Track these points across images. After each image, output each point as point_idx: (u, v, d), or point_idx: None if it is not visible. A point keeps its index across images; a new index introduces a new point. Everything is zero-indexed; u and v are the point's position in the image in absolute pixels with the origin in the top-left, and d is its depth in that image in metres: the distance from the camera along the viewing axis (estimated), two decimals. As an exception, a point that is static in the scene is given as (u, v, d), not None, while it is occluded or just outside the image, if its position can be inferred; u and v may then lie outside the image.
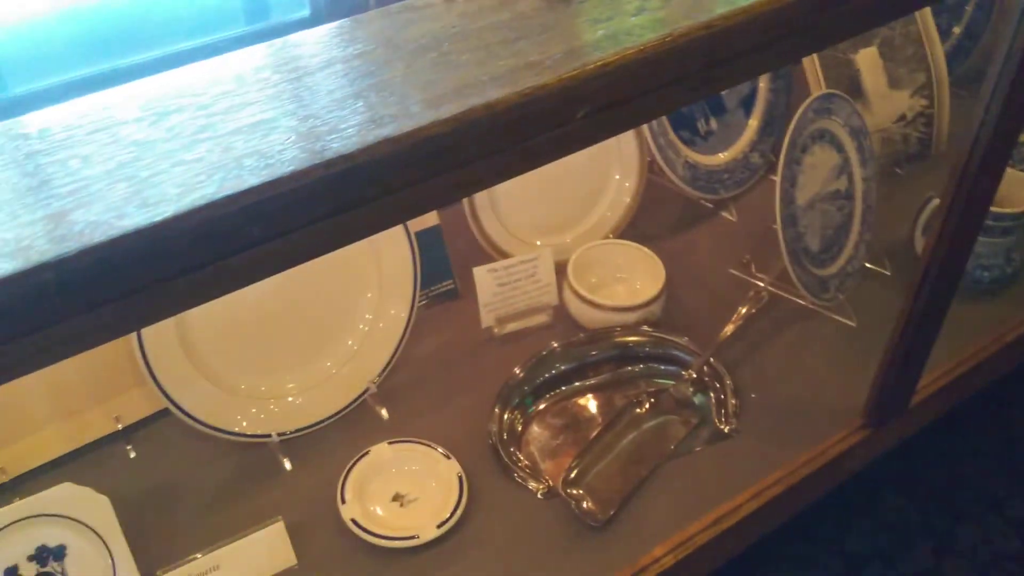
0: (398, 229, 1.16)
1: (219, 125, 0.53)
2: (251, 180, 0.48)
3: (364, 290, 1.18)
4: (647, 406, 1.18)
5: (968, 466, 1.42)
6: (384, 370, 1.20)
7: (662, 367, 1.23)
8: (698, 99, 0.69)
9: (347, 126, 0.51)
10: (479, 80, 0.52)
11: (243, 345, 1.12)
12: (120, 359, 1.13)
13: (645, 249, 1.33)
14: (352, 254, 1.14)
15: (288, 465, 1.13)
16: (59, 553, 0.95)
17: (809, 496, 1.14)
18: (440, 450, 1.11)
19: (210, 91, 0.56)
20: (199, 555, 0.98)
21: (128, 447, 1.15)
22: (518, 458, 1.12)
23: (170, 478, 1.13)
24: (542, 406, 1.19)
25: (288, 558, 1.02)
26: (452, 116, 0.49)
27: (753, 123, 1.50)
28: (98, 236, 0.46)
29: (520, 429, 1.16)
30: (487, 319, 1.27)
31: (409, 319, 1.20)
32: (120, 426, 1.15)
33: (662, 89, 0.57)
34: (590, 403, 1.20)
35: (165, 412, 1.17)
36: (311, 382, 1.16)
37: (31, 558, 0.94)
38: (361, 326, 1.19)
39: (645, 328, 1.25)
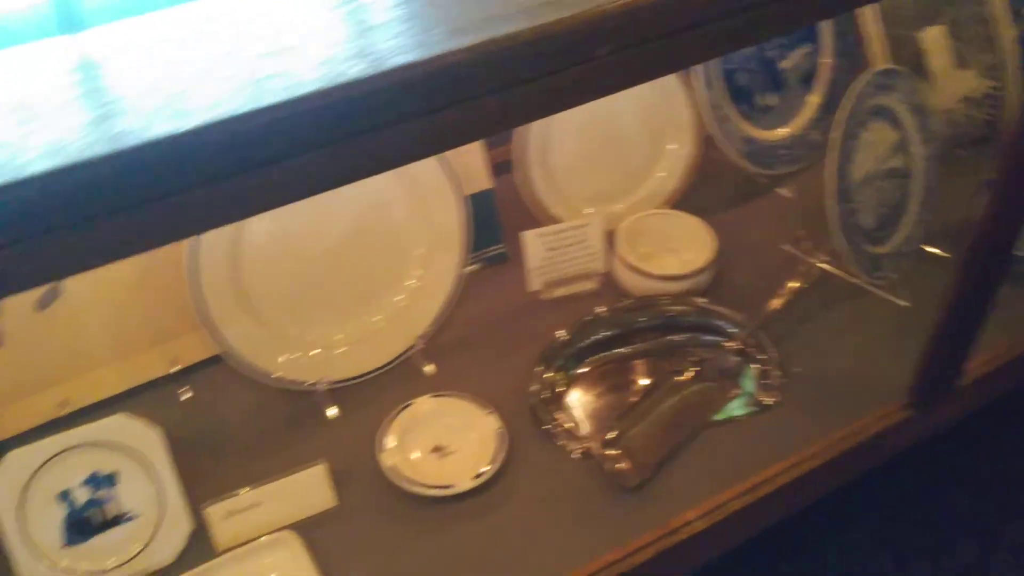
0: (449, 188, 1.18)
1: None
2: (274, 98, 0.50)
3: (414, 246, 1.20)
4: (690, 374, 1.18)
5: (1019, 459, 1.39)
6: (432, 327, 1.22)
7: (707, 337, 1.23)
8: (732, 48, 0.69)
9: (370, 53, 0.53)
10: (504, 13, 0.54)
11: (296, 294, 1.15)
12: (178, 304, 1.17)
13: (697, 220, 1.33)
14: (403, 212, 1.17)
15: (333, 413, 1.16)
16: (111, 480, 1.00)
17: (849, 472, 1.13)
18: (481, 405, 1.13)
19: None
20: (243, 491, 1.02)
21: (181, 389, 1.20)
22: (557, 419, 1.13)
23: (219, 421, 1.17)
24: (584, 369, 1.20)
25: (328, 500, 1.05)
26: (472, 45, 0.51)
27: (813, 100, 1.48)
28: (131, 140, 0.49)
29: (561, 391, 1.17)
30: (534, 283, 1.28)
31: (459, 278, 1.22)
32: (175, 368, 1.20)
33: (689, 31, 0.58)
34: (632, 369, 1.20)
35: (218, 358, 1.21)
36: (359, 334, 1.19)
37: (84, 483, 0.99)
38: (410, 282, 1.21)
39: (692, 298, 1.25)
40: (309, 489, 1.04)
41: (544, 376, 1.18)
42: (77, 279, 1.12)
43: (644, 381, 1.18)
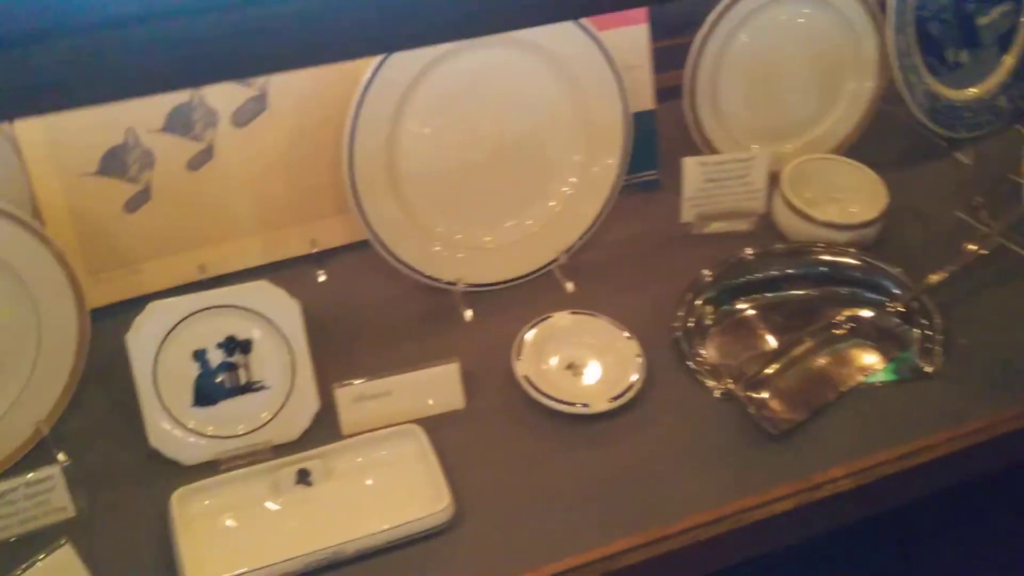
0: (615, 95, 1.12)
1: None
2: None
3: (572, 152, 1.15)
4: (846, 329, 1.10)
5: None
6: (578, 241, 1.17)
7: (867, 294, 1.15)
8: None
9: None
10: None
11: (447, 190, 1.11)
12: (324, 185, 1.15)
13: (868, 170, 1.25)
14: (565, 115, 1.11)
15: (469, 315, 1.12)
16: (246, 346, 0.98)
17: (1011, 455, 1.05)
18: (621, 328, 1.08)
19: None
20: (373, 378, 0.99)
21: (319, 271, 1.18)
22: (700, 354, 1.08)
23: (354, 307, 1.14)
24: (733, 309, 1.14)
25: (457, 400, 1.02)
26: None
27: (1008, 61, 1.37)
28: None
29: (706, 327, 1.11)
30: (688, 213, 1.22)
31: (613, 191, 1.16)
32: (315, 250, 1.18)
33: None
34: (784, 315, 1.13)
35: (357, 245, 1.19)
36: (506, 238, 1.15)
37: (219, 345, 0.97)
38: (564, 188, 1.16)
39: (855, 251, 1.17)
40: (439, 386, 1.01)
41: (690, 309, 1.12)
42: (229, 144, 1.10)
43: (795, 329, 1.11)
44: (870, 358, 1.08)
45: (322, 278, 1.17)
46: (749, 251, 1.18)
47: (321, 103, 1.12)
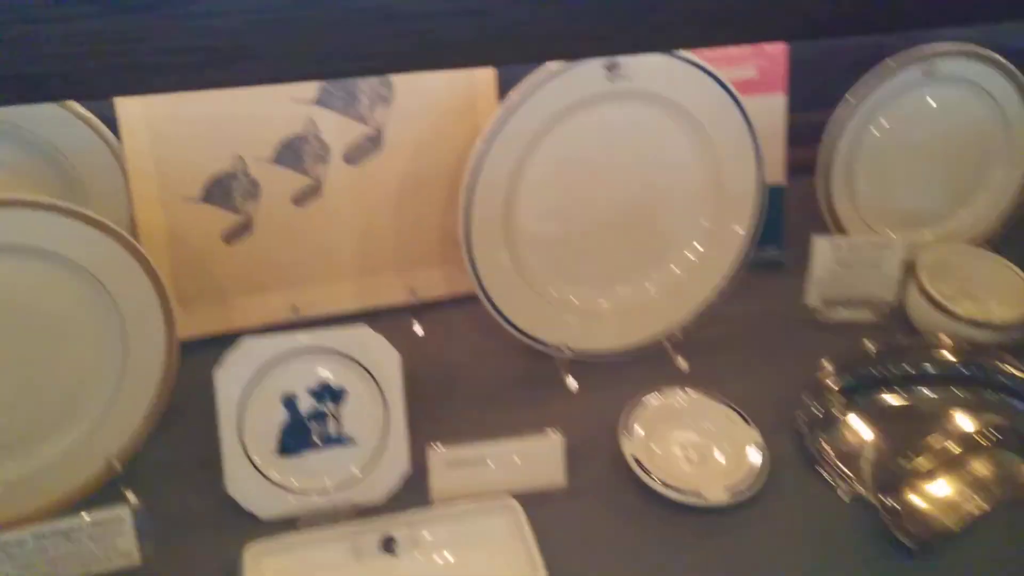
0: (751, 161, 1.04)
1: None
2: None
3: (699, 217, 1.07)
4: (993, 438, 0.99)
5: None
6: (696, 314, 1.09)
7: (1017, 402, 1.04)
8: None
9: None
10: None
11: (564, 248, 1.04)
12: (430, 232, 1.10)
13: (1012, 266, 1.15)
14: (696, 177, 1.04)
15: (574, 385, 1.04)
16: (338, 395, 0.91)
17: None
18: (740, 413, 0.99)
19: None
20: (469, 443, 0.91)
21: (416, 323, 1.11)
22: (826, 450, 0.97)
23: (451, 365, 1.07)
24: (865, 402, 1.04)
25: (558, 476, 0.93)
26: None
27: None
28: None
29: (834, 420, 1.01)
30: (813, 296, 1.13)
31: (736, 265, 1.08)
32: (414, 300, 1.11)
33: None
34: (921, 416, 1.03)
35: (458, 299, 1.12)
36: (621, 304, 1.07)
37: (311, 392, 0.90)
38: (688, 255, 1.08)
39: (1007, 354, 1.06)
40: (540, 459, 0.92)
41: (816, 399, 1.02)
42: (338, 181, 1.05)
43: (935, 432, 1.00)
44: (1020, 474, 0.97)
45: (419, 331, 1.10)
46: (881, 342, 1.08)
47: (438, 147, 1.07)
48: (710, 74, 0.99)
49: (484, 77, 1.07)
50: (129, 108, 0.97)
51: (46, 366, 0.88)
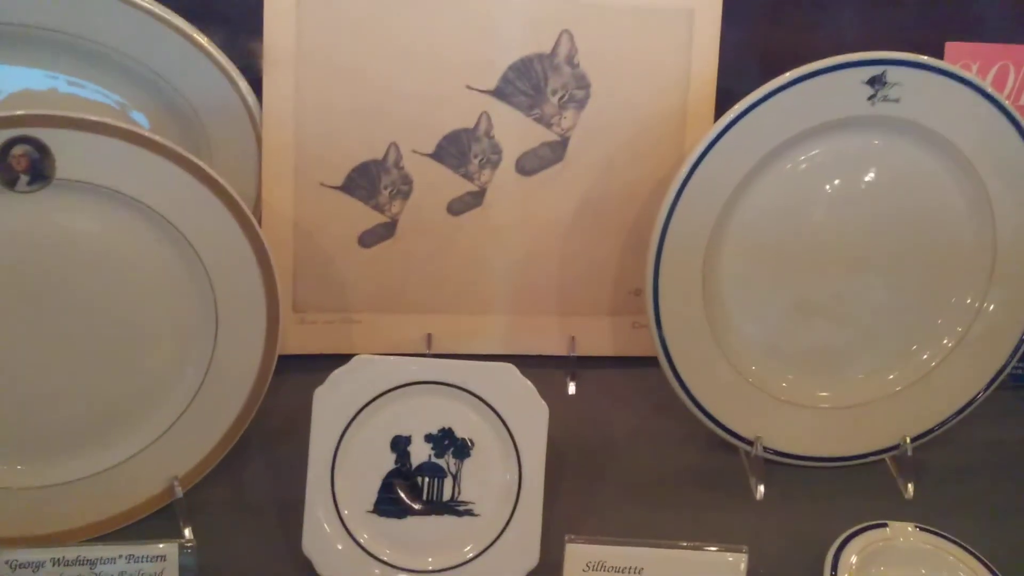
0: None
1: None
2: None
3: (966, 292, 0.81)
4: None
5: None
6: (939, 424, 0.83)
7: None
8: None
9: None
10: None
11: (779, 318, 0.80)
12: (606, 271, 0.89)
13: None
14: (967, 241, 0.80)
15: (760, 491, 0.80)
16: (462, 448, 0.70)
17: None
18: (989, 568, 0.72)
19: None
20: (620, 542, 0.68)
21: (570, 380, 0.90)
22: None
23: (606, 437, 0.85)
24: None
25: (734, 609, 0.69)
26: None
27: None
28: None
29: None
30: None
31: (1007, 361, 0.82)
32: (573, 353, 0.90)
33: None
34: None
35: (625, 360, 0.91)
36: (845, 397, 0.82)
37: (429, 437, 0.70)
38: (946, 340, 0.82)
39: None
40: (712, 578, 0.69)
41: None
42: (506, 193, 0.86)
43: None
44: None
45: (572, 389, 0.89)
46: None
47: (632, 166, 0.87)
48: (1008, 115, 0.75)
49: (701, 83, 0.86)
50: (279, 68, 0.82)
51: (123, 348, 0.71)
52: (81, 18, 0.78)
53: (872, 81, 0.73)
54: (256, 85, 0.84)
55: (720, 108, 0.88)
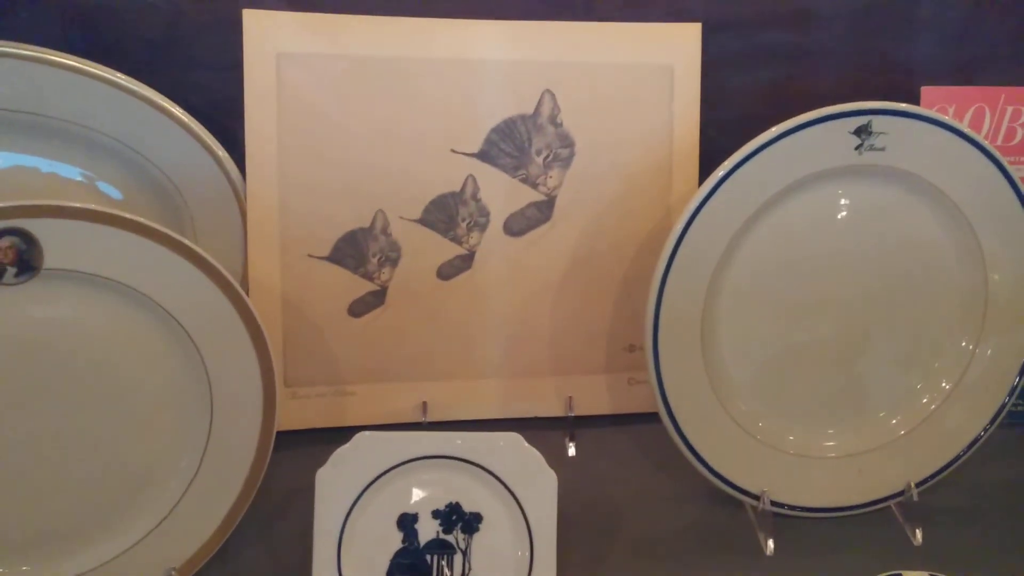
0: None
1: None
2: None
3: (960, 335, 0.82)
4: None
5: None
6: (946, 466, 0.82)
7: None
8: None
9: None
10: None
11: (780, 369, 0.80)
12: (598, 328, 0.89)
13: None
14: (958, 283, 0.81)
15: (770, 547, 0.79)
16: (471, 523, 0.68)
17: None
18: (1010, 618, 0.71)
19: None
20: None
21: (569, 441, 0.88)
22: None
23: (611, 500, 0.83)
24: None
25: (757, 674, 0.67)
26: None
27: None
28: None
29: None
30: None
31: (1005, 402, 0.82)
32: (572, 413, 0.89)
33: None
34: None
35: (624, 418, 0.90)
36: (849, 445, 0.81)
37: (437, 514, 0.68)
38: (944, 383, 0.82)
39: None
40: (732, 646, 0.67)
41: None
42: (495, 255, 0.86)
43: None
44: None
45: (572, 451, 0.88)
46: None
47: (621, 223, 0.87)
48: (993, 159, 0.76)
49: (684, 137, 0.87)
50: (261, 141, 0.81)
51: (114, 442, 0.68)
52: (41, 96, 0.77)
53: (859, 131, 0.73)
54: (238, 158, 0.83)
55: (703, 161, 0.88)
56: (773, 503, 0.80)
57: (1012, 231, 0.79)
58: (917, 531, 0.81)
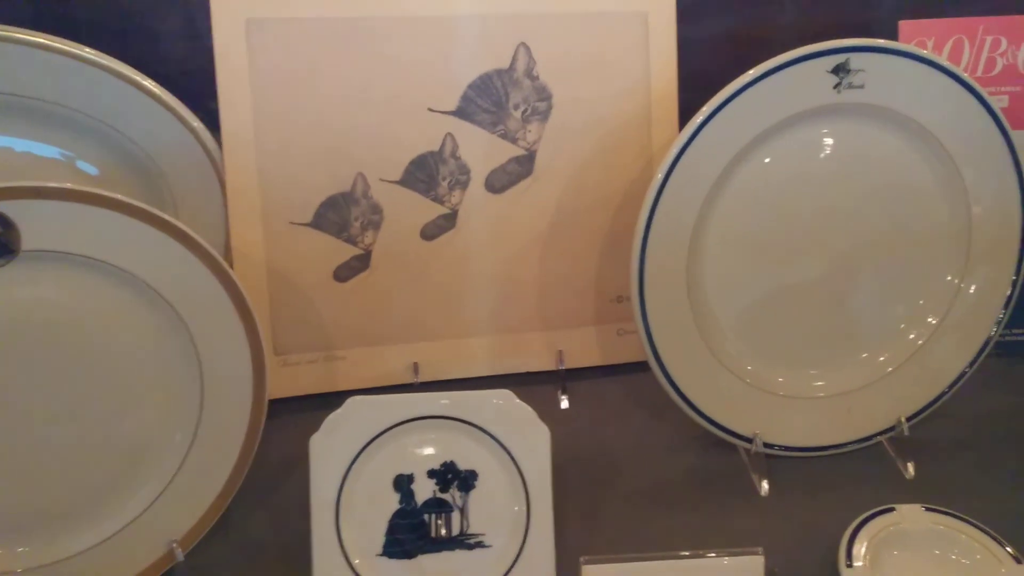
0: (1016, 200, 0.80)
1: None
2: None
3: (945, 270, 0.81)
4: None
5: None
6: (934, 400, 0.83)
7: None
8: None
9: None
10: None
11: (766, 311, 0.80)
12: (585, 282, 0.89)
13: None
14: (942, 218, 0.81)
15: (765, 488, 0.79)
16: (467, 481, 0.69)
17: None
18: (1001, 544, 0.72)
19: None
20: (636, 557, 0.67)
21: (562, 395, 0.89)
22: None
23: (606, 450, 0.84)
24: None
25: (756, 612, 0.68)
26: None
27: None
28: None
29: None
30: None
31: (991, 335, 0.82)
32: (562, 366, 0.89)
33: None
34: None
35: (615, 368, 0.90)
36: (838, 385, 0.82)
37: (432, 473, 0.68)
38: (931, 319, 0.82)
39: None
40: (731, 586, 0.68)
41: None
42: (478, 213, 0.85)
43: None
44: None
45: (564, 404, 0.88)
46: None
47: (603, 174, 0.86)
48: (972, 91, 0.76)
49: (662, 85, 0.86)
50: (235, 110, 0.80)
51: (106, 420, 0.68)
52: (12, 75, 0.76)
53: (836, 69, 0.73)
54: (214, 129, 0.82)
55: (682, 108, 0.87)
56: (765, 444, 0.81)
57: (993, 163, 0.79)
58: (909, 465, 0.82)
